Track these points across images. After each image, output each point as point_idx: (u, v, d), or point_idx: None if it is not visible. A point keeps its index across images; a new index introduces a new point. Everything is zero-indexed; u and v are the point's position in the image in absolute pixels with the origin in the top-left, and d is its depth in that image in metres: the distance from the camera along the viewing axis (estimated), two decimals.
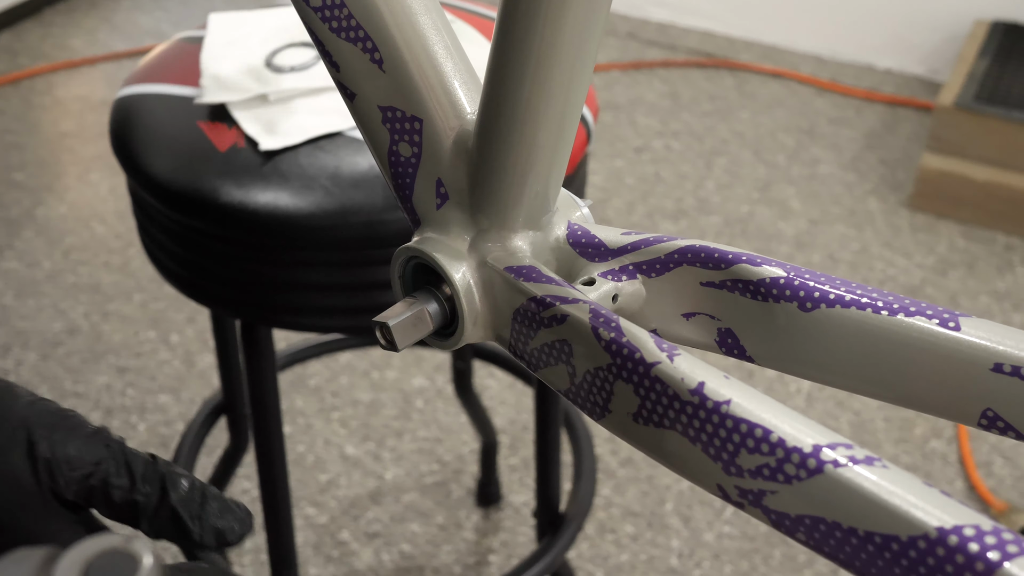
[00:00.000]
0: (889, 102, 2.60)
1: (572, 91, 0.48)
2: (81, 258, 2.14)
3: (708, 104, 2.61)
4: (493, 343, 0.54)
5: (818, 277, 0.47)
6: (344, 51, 0.54)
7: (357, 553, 1.61)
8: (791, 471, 0.38)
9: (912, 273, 2.10)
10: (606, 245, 0.52)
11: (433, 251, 0.52)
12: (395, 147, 0.54)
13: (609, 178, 2.35)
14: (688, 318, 0.52)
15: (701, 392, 0.41)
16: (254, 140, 0.96)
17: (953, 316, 0.44)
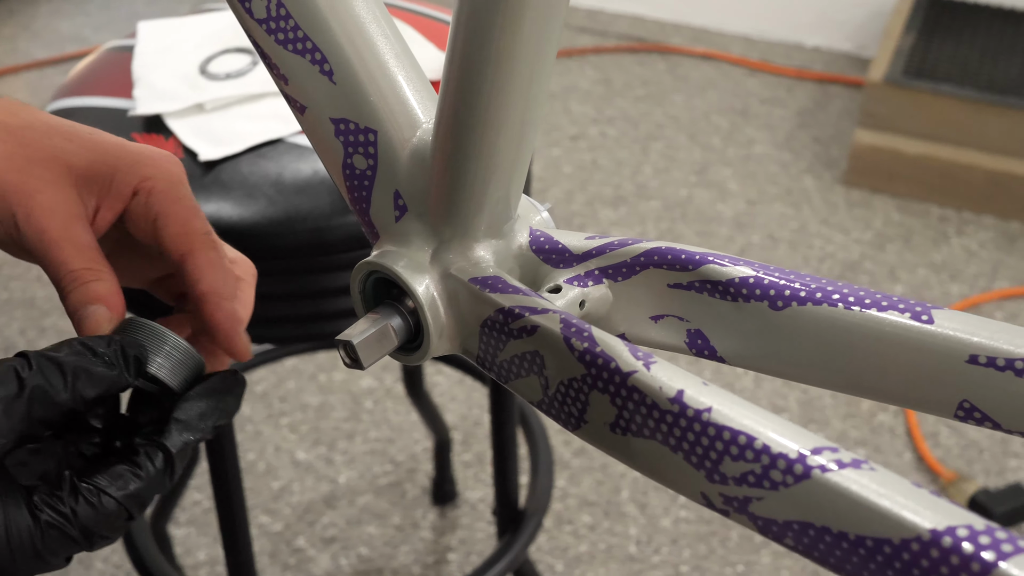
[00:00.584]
0: (819, 80, 2.62)
1: (532, 95, 0.47)
2: (12, 273, 2.08)
3: (641, 89, 2.61)
4: (459, 354, 0.53)
5: (787, 275, 0.47)
6: (292, 63, 0.53)
7: (314, 559, 1.59)
8: (777, 477, 0.38)
9: (850, 249, 2.12)
10: (570, 251, 0.51)
11: (394, 264, 0.51)
12: (349, 160, 0.53)
13: (547, 167, 2.35)
14: (657, 320, 0.51)
15: (681, 400, 0.41)
16: (193, 151, 0.94)
17: (926, 309, 0.44)
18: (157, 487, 0.48)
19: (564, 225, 2.19)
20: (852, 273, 2.06)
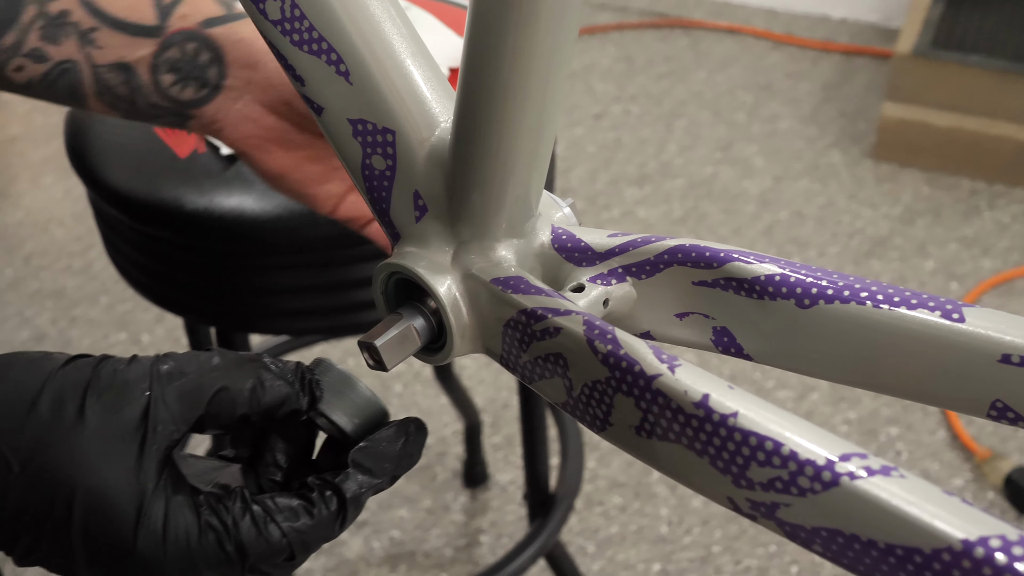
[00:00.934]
0: (845, 52, 2.59)
1: (550, 90, 0.47)
2: (42, 263, 2.10)
3: (664, 66, 2.59)
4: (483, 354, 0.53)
5: (814, 272, 0.46)
6: (308, 64, 0.52)
7: (346, 543, 1.60)
8: (805, 484, 0.37)
9: (879, 224, 2.10)
10: (593, 249, 0.51)
11: (415, 266, 0.51)
12: (368, 160, 0.52)
13: (570, 147, 2.33)
14: (681, 318, 0.50)
15: (706, 405, 0.40)
16: (215, 144, 0.93)
17: (957, 307, 0.43)
18: (326, 531, 0.46)
19: (589, 205, 2.18)
20: (881, 249, 2.04)
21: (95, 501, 0.42)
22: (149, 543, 0.42)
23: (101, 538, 0.42)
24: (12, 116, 2.52)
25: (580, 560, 1.55)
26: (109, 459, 0.42)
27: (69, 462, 0.42)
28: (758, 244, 2.06)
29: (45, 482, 0.42)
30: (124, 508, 0.42)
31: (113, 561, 0.43)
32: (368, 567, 1.57)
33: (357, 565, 1.57)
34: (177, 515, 0.43)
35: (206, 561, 0.44)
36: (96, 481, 0.42)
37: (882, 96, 2.33)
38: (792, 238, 2.08)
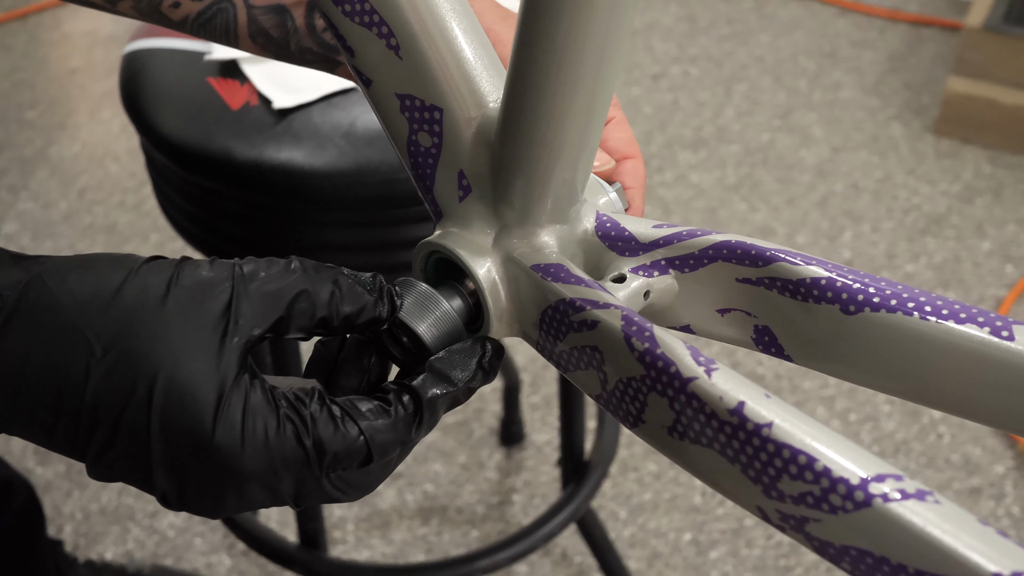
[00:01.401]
0: (913, 22, 2.53)
1: (604, 72, 0.45)
2: (96, 198, 2.12)
3: (726, 27, 2.55)
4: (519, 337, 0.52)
5: (862, 278, 0.45)
6: (359, 36, 0.52)
7: (380, 493, 1.62)
8: (836, 502, 0.37)
9: (937, 201, 2.06)
10: (637, 239, 0.50)
11: (456, 246, 0.50)
12: (414, 136, 0.52)
13: (626, 107, 2.31)
14: (723, 314, 0.50)
15: (741, 412, 0.40)
16: (267, 98, 0.93)
17: (1007, 324, 0.42)
18: (403, 433, 0.46)
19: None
20: (937, 226, 2.00)
21: (177, 386, 0.42)
22: (227, 434, 0.42)
23: (180, 426, 0.42)
24: (74, 49, 2.54)
25: (611, 525, 1.55)
26: (192, 347, 0.42)
27: (152, 347, 0.42)
28: (811, 216, 2.03)
29: (128, 366, 0.42)
30: (205, 396, 0.42)
31: (190, 453, 0.42)
32: (400, 519, 1.58)
33: (390, 516, 1.58)
34: (256, 407, 0.43)
35: (283, 456, 0.43)
36: (178, 367, 0.42)
37: (948, 70, 2.28)
38: (846, 211, 2.04)
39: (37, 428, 0.43)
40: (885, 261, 1.94)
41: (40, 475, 1.63)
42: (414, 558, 1.53)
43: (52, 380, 0.42)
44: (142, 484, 0.44)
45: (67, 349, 0.42)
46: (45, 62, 2.51)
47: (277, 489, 0.44)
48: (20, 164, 2.20)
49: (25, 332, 0.42)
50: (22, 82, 2.43)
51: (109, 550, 1.53)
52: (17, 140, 2.26)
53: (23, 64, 2.48)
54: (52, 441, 0.43)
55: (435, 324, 0.49)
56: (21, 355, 0.42)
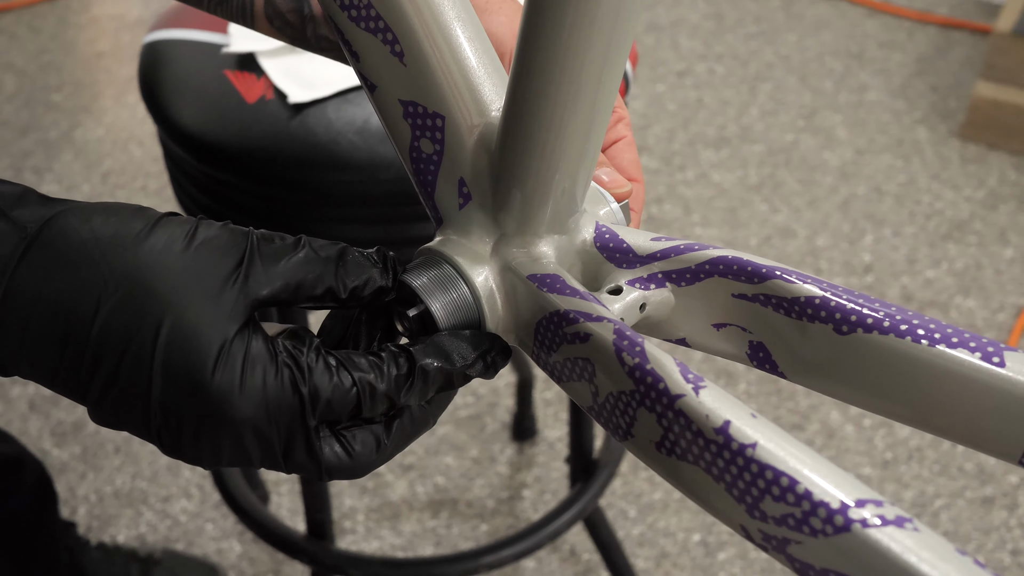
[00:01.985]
0: (943, 24, 2.51)
1: (605, 82, 0.46)
2: (119, 182, 2.14)
3: (753, 26, 2.53)
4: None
5: (855, 298, 0.45)
6: (364, 42, 0.52)
7: (392, 485, 1.63)
8: (817, 525, 0.37)
9: (960, 207, 2.05)
10: (635, 252, 0.50)
11: (453, 254, 0.50)
12: (416, 143, 0.52)
13: (650, 104, 2.30)
14: (719, 329, 0.50)
15: (726, 432, 0.40)
16: (282, 92, 0.94)
17: (998, 350, 0.41)
18: (392, 390, 0.46)
19: (664, 165, 2.15)
20: (960, 232, 1.99)
21: (182, 328, 0.43)
22: (226, 378, 0.43)
23: (181, 367, 0.43)
24: (101, 32, 2.56)
25: (620, 524, 1.56)
26: (201, 294, 0.44)
27: (163, 289, 0.43)
28: (833, 218, 2.02)
29: (137, 303, 0.43)
30: (209, 340, 0.43)
31: (188, 395, 0.43)
32: (411, 510, 1.59)
33: (400, 507, 1.59)
34: (256, 354, 0.44)
35: (279, 402, 0.44)
36: (186, 310, 0.43)
37: (976, 74, 2.26)
38: (868, 214, 2.03)
39: (43, 363, 0.44)
40: (906, 266, 1.93)
41: (56, 456, 1.65)
42: (423, 550, 1.54)
43: (63, 311, 0.43)
44: (140, 428, 0.45)
45: (81, 281, 0.43)
46: (73, 45, 2.52)
47: (270, 440, 0.45)
48: (45, 146, 2.22)
49: (42, 262, 0.43)
50: (49, 64, 2.45)
51: (121, 533, 1.55)
52: (43, 122, 2.28)
53: (51, 47, 2.50)
54: (56, 378, 0.44)
55: (450, 305, 0.50)
56: (35, 284, 0.43)
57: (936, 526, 1.55)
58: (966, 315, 1.84)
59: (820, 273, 1.92)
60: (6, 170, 2.15)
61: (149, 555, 1.41)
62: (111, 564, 1.36)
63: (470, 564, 1.16)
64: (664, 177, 2.12)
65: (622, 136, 0.59)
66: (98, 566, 1.35)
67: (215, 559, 1.52)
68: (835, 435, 1.67)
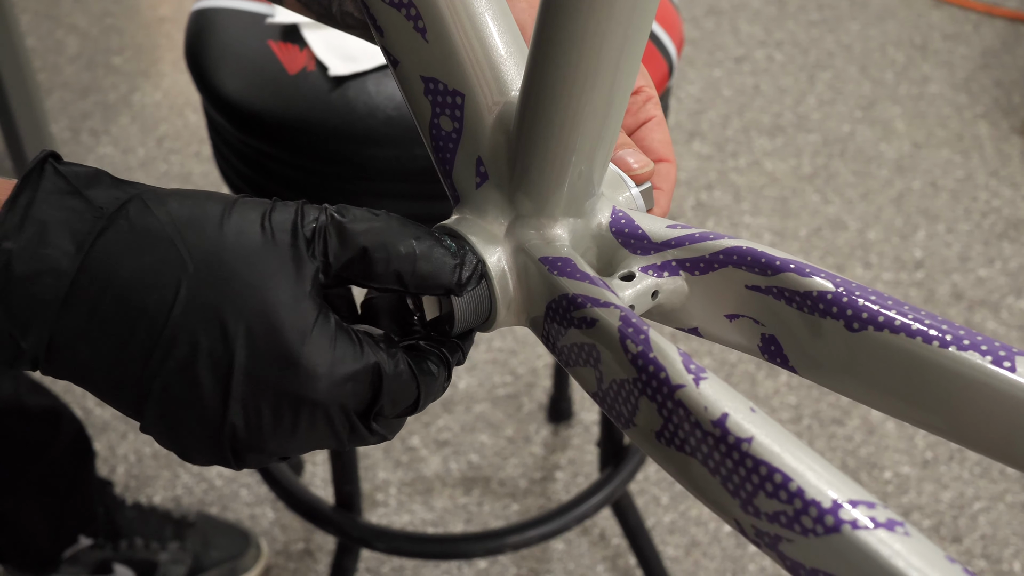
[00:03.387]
0: (1011, 18, 2.45)
1: (623, 64, 0.45)
2: (173, 147, 2.16)
3: (816, 13, 2.50)
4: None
5: (868, 295, 0.44)
6: (387, 16, 0.52)
7: (426, 460, 1.63)
8: (808, 524, 0.36)
9: (1018, 206, 2.01)
10: (649, 238, 0.50)
11: (468, 233, 0.50)
12: (436, 120, 0.52)
13: (706, 88, 2.28)
14: (731, 320, 0.49)
15: (723, 425, 0.39)
16: (324, 64, 0.94)
17: (1010, 354, 0.40)
18: (435, 395, 0.48)
19: (716, 151, 2.13)
20: (1015, 231, 1.95)
21: (267, 308, 0.43)
22: (315, 355, 0.43)
23: (267, 345, 0.43)
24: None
25: (652, 510, 1.55)
26: (283, 273, 0.44)
27: (245, 269, 0.43)
28: (886, 211, 1.99)
29: (220, 282, 0.43)
30: (296, 316, 0.43)
31: (277, 369, 0.43)
32: (443, 486, 1.60)
33: (433, 483, 1.60)
34: (341, 338, 0.44)
35: (356, 388, 0.45)
36: (270, 289, 0.43)
37: None
38: (922, 209, 2.00)
39: (108, 344, 0.42)
40: (958, 264, 1.89)
41: (98, 415, 1.67)
42: (453, 527, 1.55)
43: (140, 289, 0.42)
44: (209, 419, 0.43)
45: (160, 262, 0.43)
46: (136, 9, 2.55)
47: (336, 425, 0.45)
48: (103, 109, 2.25)
49: (120, 241, 0.43)
50: (112, 28, 2.47)
51: (158, 493, 1.57)
52: (103, 84, 2.31)
53: (114, 10, 2.53)
54: (118, 363, 0.43)
55: (471, 309, 0.50)
56: (112, 263, 0.42)
57: (974, 529, 1.52)
58: (1018, 316, 1.80)
59: (869, 267, 1.89)
60: (64, 131, 2.18)
61: (183, 517, 1.43)
62: (145, 524, 1.38)
63: (493, 543, 1.16)
64: (716, 163, 2.10)
65: (651, 116, 0.58)
66: (132, 525, 1.37)
67: (248, 524, 1.54)
68: (875, 431, 1.64)
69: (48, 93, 2.27)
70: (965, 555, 1.50)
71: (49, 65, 2.36)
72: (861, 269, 1.89)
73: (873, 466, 1.61)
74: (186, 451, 0.45)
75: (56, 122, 2.19)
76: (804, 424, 1.66)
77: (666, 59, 1.00)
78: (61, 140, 2.15)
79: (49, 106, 2.22)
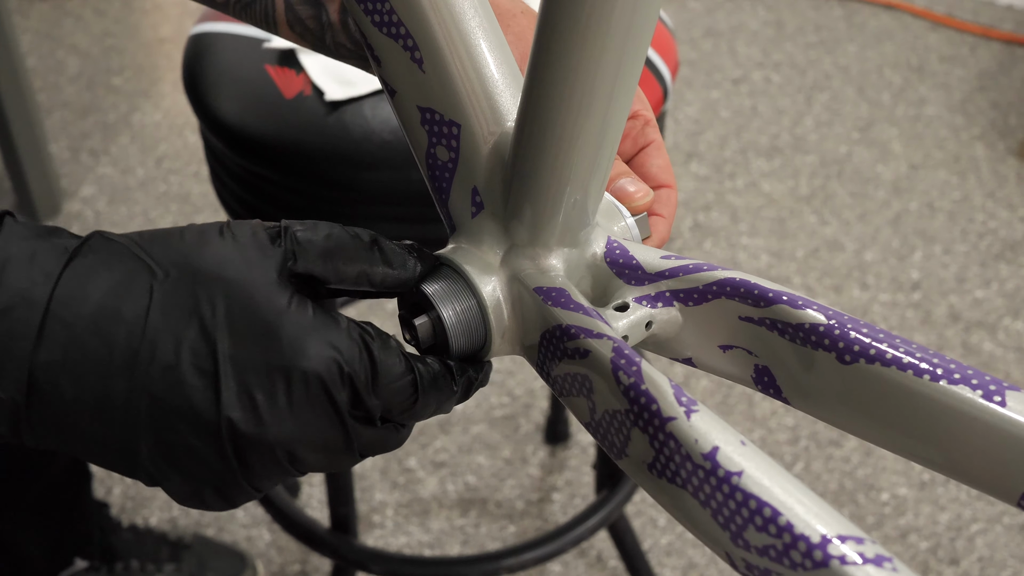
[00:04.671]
0: (1007, 40, 2.46)
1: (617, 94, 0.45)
2: (173, 167, 2.16)
3: (813, 35, 2.51)
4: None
5: (860, 328, 0.44)
6: (385, 47, 0.52)
7: (423, 481, 1.63)
8: (796, 559, 0.36)
9: (1015, 227, 2.01)
10: (644, 268, 0.50)
11: (463, 262, 0.50)
12: (432, 149, 0.52)
13: (704, 110, 2.29)
14: (725, 350, 0.49)
15: (714, 458, 0.39)
16: (320, 89, 0.94)
17: (1000, 389, 0.41)
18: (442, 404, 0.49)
19: (714, 172, 2.14)
20: (1012, 253, 1.95)
21: (242, 297, 0.43)
22: (296, 323, 0.44)
23: (249, 321, 0.43)
24: (164, 18, 2.59)
25: (649, 532, 1.55)
26: (250, 268, 0.44)
27: (213, 268, 0.44)
28: (883, 233, 1.99)
29: (190, 282, 0.43)
30: (271, 297, 0.44)
31: (262, 342, 0.43)
32: (440, 507, 1.59)
33: (430, 504, 1.60)
34: (318, 315, 0.45)
35: (352, 358, 0.44)
36: (241, 282, 0.44)
37: None
38: (919, 230, 2.00)
39: (89, 367, 0.42)
40: (955, 285, 1.90)
41: None
42: (450, 548, 1.55)
43: (113, 303, 0.42)
44: (204, 423, 0.43)
45: (129, 274, 0.43)
46: (136, 29, 2.56)
47: (335, 396, 0.44)
48: (103, 129, 2.25)
49: (88, 265, 0.43)
50: (112, 48, 2.48)
51: (155, 515, 1.57)
52: (103, 105, 2.32)
53: (115, 30, 2.54)
54: (102, 385, 0.42)
55: (458, 314, 0.50)
56: (81, 287, 0.42)
57: (971, 551, 1.52)
58: (1014, 337, 1.80)
59: (867, 288, 1.89)
60: (63, 151, 2.19)
61: (179, 539, 1.42)
62: (141, 546, 1.38)
63: (489, 566, 1.16)
64: (713, 184, 2.11)
65: (651, 141, 0.58)
66: (128, 547, 1.37)
67: (244, 546, 1.53)
68: (872, 453, 1.64)
69: (48, 113, 2.28)
70: None
71: (49, 85, 2.37)
72: (858, 290, 1.89)
73: (871, 488, 1.60)
74: (192, 482, 0.44)
75: (56, 142, 2.20)
76: (801, 445, 1.66)
77: (660, 83, 1.00)
78: (61, 160, 2.16)
79: (49, 126, 2.23)
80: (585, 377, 0.46)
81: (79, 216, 2.06)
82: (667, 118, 1.07)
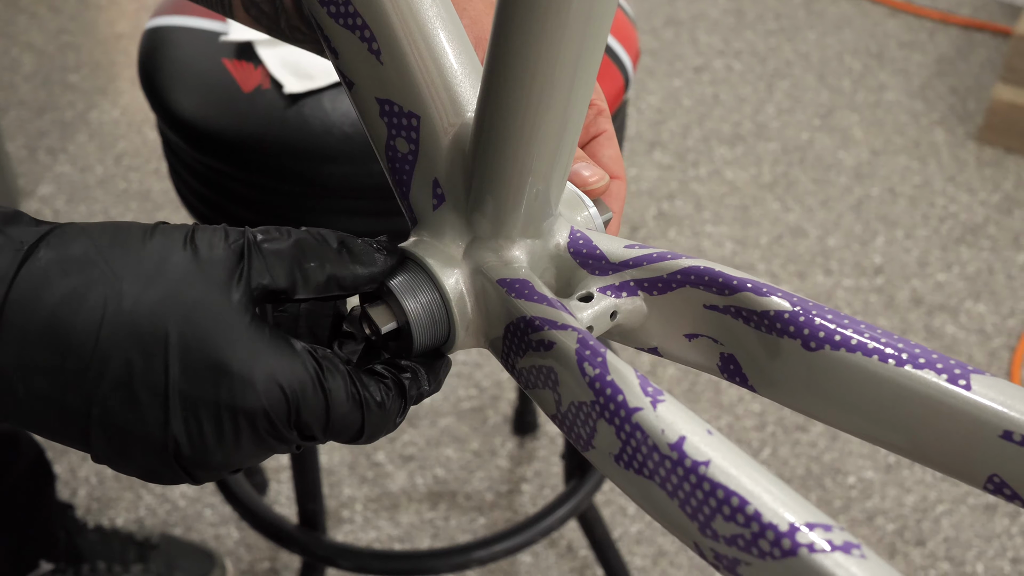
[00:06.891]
0: (964, 25, 2.48)
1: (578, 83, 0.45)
2: (132, 164, 2.14)
3: (774, 23, 2.51)
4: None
5: (825, 314, 0.44)
6: (342, 39, 0.51)
7: (391, 475, 1.63)
8: (764, 547, 0.36)
9: (975, 211, 2.03)
10: (607, 258, 0.50)
11: (426, 255, 0.50)
12: (392, 142, 0.52)
13: (666, 99, 2.29)
14: (690, 339, 0.49)
15: (680, 448, 0.39)
16: (279, 82, 0.93)
17: (965, 372, 0.41)
18: (387, 422, 0.48)
19: (677, 161, 2.14)
20: (973, 236, 1.97)
21: (197, 319, 0.43)
22: (246, 359, 0.43)
23: (201, 353, 0.42)
24: (121, 14, 2.56)
25: (619, 521, 1.55)
26: (210, 287, 0.43)
27: (171, 284, 0.43)
28: (845, 218, 2.01)
29: (147, 301, 0.43)
30: (225, 325, 0.43)
31: (211, 380, 0.43)
32: (409, 501, 1.59)
33: (399, 498, 1.59)
34: (275, 341, 0.44)
35: (303, 390, 0.44)
36: (198, 302, 0.43)
37: (997, 76, 2.23)
38: (881, 216, 2.02)
39: (42, 373, 0.42)
40: (917, 269, 1.91)
41: None
42: (420, 542, 1.54)
43: (66, 314, 0.42)
44: (152, 438, 0.43)
45: (85, 283, 0.42)
46: (93, 26, 2.53)
47: (280, 431, 0.44)
48: (60, 127, 2.22)
49: (44, 268, 0.42)
50: (68, 45, 2.45)
51: (120, 516, 1.55)
52: (59, 102, 2.29)
53: (70, 27, 2.51)
54: (55, 391, 0.42)
55: (421, 307, 0.49)
56: (36, 292, 0.42)
57: (937, 532, 1.54)
58: (976, 320, 1.82)
59: (830, 274, 1.90)
60: (20, 149, 2.16)
61: (146, 539, 1.41)
62: (108, 547, 1.37)
63: (460, 559, 1.15)
64: (677, 173, 2.11)
65: (602, 130, 0.58)
66: (95, 548, 1.35)
67: (212, 545, 1.52)
68: (839, 437, 1.65)
69: (3, 112, 2.25)
70: (929, 558, 1.51)
71: (4, 83, 2.33)
72: (822, 276, 1.90)
73: (837, 471, 1.61)
74: (144, 472, 0.45)
75: (12, 141, 2.17)
76: (768, 431, 1.67)
77: (622, 72, 1.00)
78: (18, 159, 2.13)
79: (5, 125, 2.20)
80: (550, 369, 0.45)
81: (37, 215, 2.03)
82: (629, 107, 1.07)
